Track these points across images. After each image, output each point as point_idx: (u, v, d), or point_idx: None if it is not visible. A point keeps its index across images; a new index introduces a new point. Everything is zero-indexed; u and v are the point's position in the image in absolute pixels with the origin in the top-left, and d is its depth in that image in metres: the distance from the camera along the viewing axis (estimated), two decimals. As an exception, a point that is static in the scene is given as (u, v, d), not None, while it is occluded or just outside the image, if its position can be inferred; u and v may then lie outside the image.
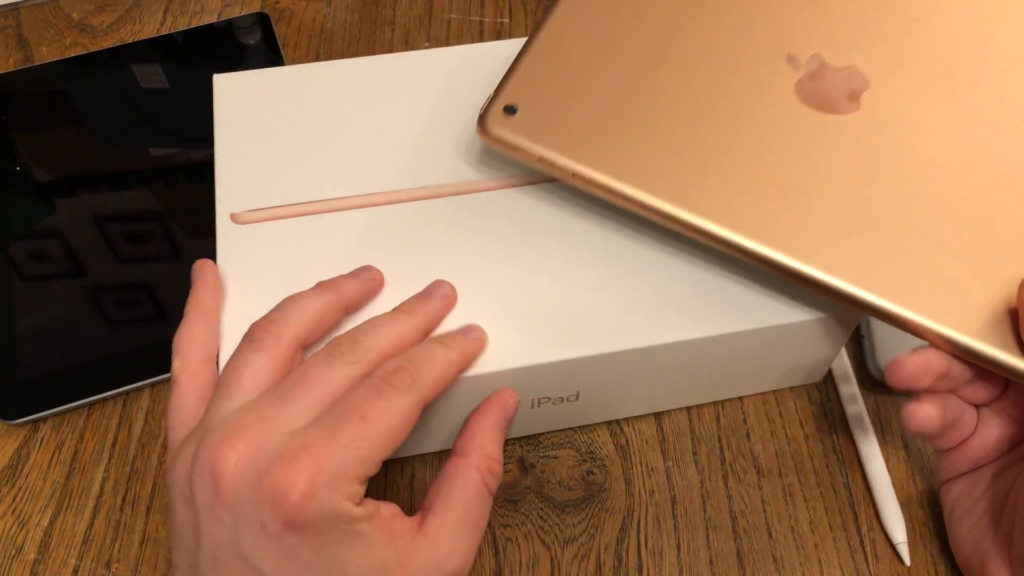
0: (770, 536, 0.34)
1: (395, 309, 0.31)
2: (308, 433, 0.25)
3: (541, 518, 0.35)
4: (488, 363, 0.31)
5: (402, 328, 0.29)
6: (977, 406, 0.31)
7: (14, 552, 0.35)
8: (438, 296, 0.31)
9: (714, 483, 0.35)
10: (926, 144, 0.32)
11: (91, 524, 0.35)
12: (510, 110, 0.32)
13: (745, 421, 0.37)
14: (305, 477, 0.24)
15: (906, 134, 0.32)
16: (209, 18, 0.54)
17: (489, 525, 0.34)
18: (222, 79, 0.38)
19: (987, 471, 0.32)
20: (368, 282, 0.32)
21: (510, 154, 0.32)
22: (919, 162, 0.31)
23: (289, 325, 0.29)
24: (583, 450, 0.36)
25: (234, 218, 0.34)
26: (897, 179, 0.31)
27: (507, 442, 0.36)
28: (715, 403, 0.37)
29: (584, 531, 0.34)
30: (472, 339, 0.30)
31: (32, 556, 0.35)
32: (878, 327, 0.38)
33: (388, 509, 0.27)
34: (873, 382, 0.38)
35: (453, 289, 0.32)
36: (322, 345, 0.29)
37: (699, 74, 0.33)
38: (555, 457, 0.36)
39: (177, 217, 0.43)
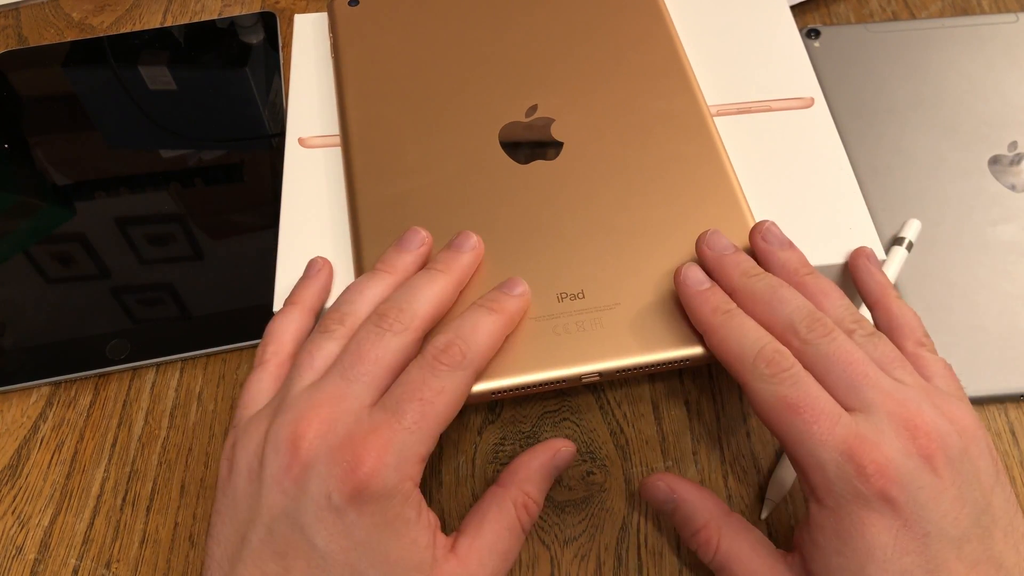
0: (770, 534, 0.34)
1: (428, 267, 0.31)
2: (374, 416, 0.27)
3: (541, 518, 0.35)
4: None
5: (439, 288, 0.30)
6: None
7: (14, 552, 0.35)
8: (467, 249, 0.32)
9: (714, 483, 0.35)
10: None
11: (91, 524, 0.35)
12: (354, 3, 0.42)
13: (745, 421, 0.37)
14: (375, 454, 0.26)
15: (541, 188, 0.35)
16: (209, 18, 0.54)
17: (489, 525, 0.34)
18: (302, 19, 0.43)
19: None
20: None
21: (331, 35, 0.41)
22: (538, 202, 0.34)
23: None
24: (583, 450, 0.36)
25: (301, 142, 0.38)
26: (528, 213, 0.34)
27: (504, 439, 0.36)
28: (715, 403, 0.37)
29: (584, 531, 0.34)
30: (516, 296, 0.31)
31: (32, 556, 0.35)
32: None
33: (434, 517, 0.28)
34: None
35: (480, 240, 0.32)
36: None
37: (464, 72, 0.39)
38: (555, 457, 0.36)
39: (196, 218, 0.44)
